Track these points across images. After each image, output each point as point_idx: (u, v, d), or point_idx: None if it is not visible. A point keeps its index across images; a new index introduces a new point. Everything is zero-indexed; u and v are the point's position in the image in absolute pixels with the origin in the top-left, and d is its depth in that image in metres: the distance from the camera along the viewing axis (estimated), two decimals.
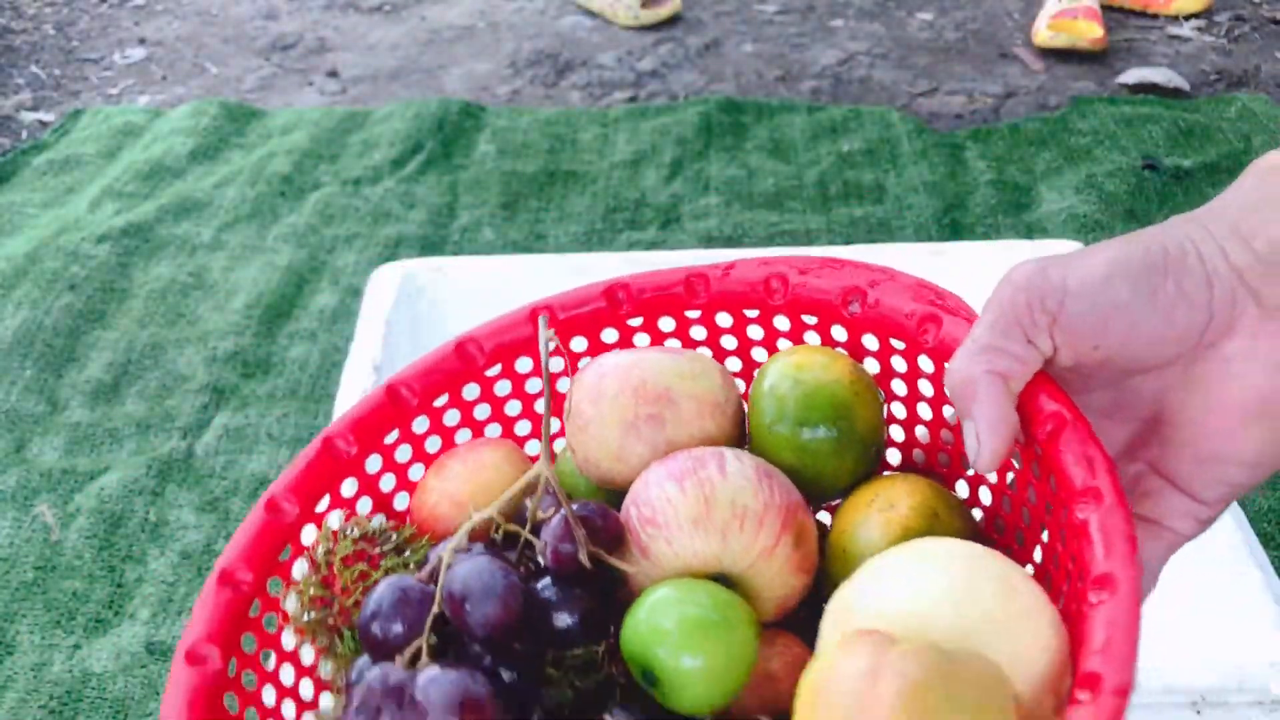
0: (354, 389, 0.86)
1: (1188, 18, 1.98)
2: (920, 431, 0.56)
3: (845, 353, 0.56)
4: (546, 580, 0.50)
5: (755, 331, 0.59)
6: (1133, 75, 1.80)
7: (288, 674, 0.54)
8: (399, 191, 1.59)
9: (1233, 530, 0.89)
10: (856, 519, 0.51)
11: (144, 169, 1.65)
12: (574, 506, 0.50)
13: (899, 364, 0.55)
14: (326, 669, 0.54)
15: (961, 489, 0.54)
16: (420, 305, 1.00)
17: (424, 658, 0.47)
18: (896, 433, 0.57)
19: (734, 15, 2.10)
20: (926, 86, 1.83)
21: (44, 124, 1.86)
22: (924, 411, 0.55)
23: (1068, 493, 0.43)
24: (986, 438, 0.44)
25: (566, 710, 0.50)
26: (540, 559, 0.50)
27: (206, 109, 1.79)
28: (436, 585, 0.48)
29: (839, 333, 0.57)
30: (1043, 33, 1.88)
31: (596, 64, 1.96)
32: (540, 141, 1.69)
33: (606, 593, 0.50)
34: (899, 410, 0.57)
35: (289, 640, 0.53)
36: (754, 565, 0.49)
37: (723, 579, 0.49)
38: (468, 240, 1.49)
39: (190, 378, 1.27)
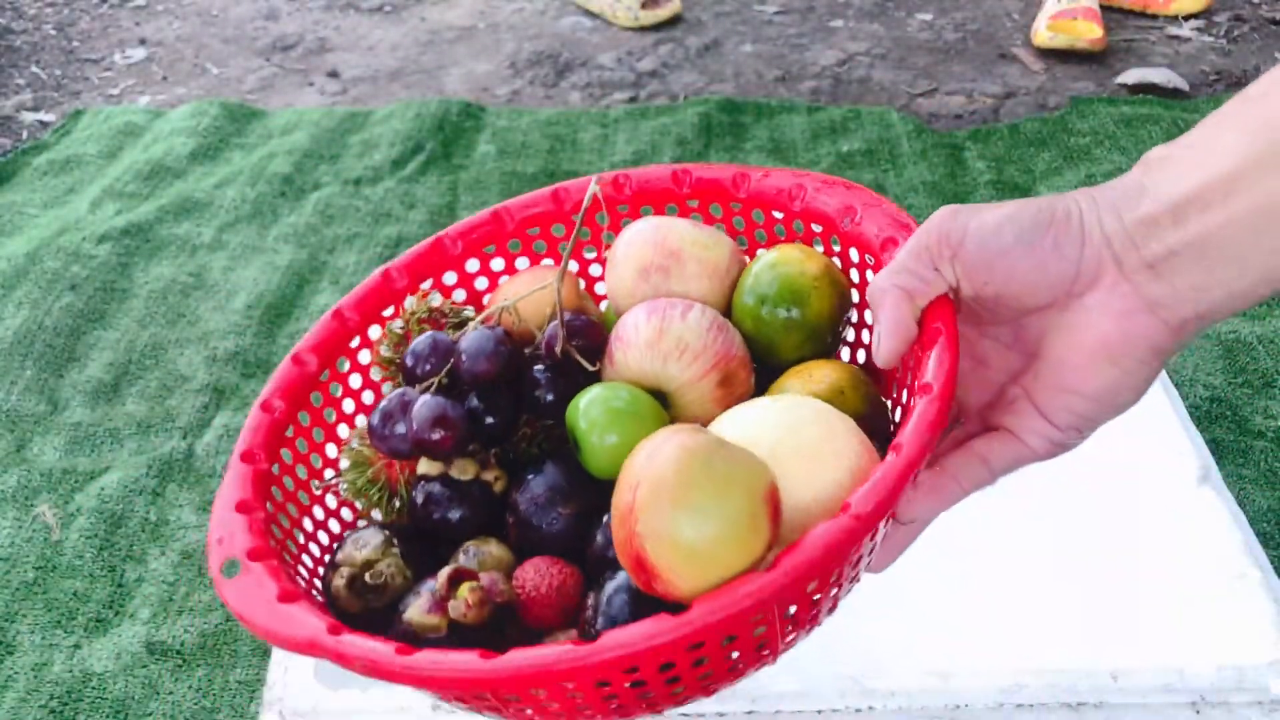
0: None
1: (1187, 18, 1.98)
2: None
3: (825, 256, 0.66)
4: (541, 366, 0.64)
5: (780, 230, 0.71)
6: (1132, 75, 1.81)
7: (368, 397, 0.70)
8: (399, 191, 1.59)
9: (1233, 530, 0.89)
10: (786, 382, 0.63)
11: (144, 169, 1.65)
12: (568, 316, 0.64)
13: (871, 276, 0.65)
14: None
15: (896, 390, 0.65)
16: None
17: (432, 390, 0.62)
18: (867, 335, 0.68)
19: (734, 15, 2.10)
20: (926, 87, 1.84)
21: (44, 124, 1.86)
22: None
23: (918, 386, 0.53)
24: (885, 338, 0.54)
25: (526, 460, 0.65)
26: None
27: (207, 109, 1.79)
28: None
29: (837, 242, 0.67)
30: (1042, 33, 1.88)
31: (596, 64, 1.96)
32: (540, 142, 1.70)
33: (583, 384, 0.62)
34: (870, 315, 0.66)
35: (376, 373, 0.70)
36: (681, 388, 0.62)
37: (660, 395, 0.62)
38: None
39: (191, 378, 1.27)
